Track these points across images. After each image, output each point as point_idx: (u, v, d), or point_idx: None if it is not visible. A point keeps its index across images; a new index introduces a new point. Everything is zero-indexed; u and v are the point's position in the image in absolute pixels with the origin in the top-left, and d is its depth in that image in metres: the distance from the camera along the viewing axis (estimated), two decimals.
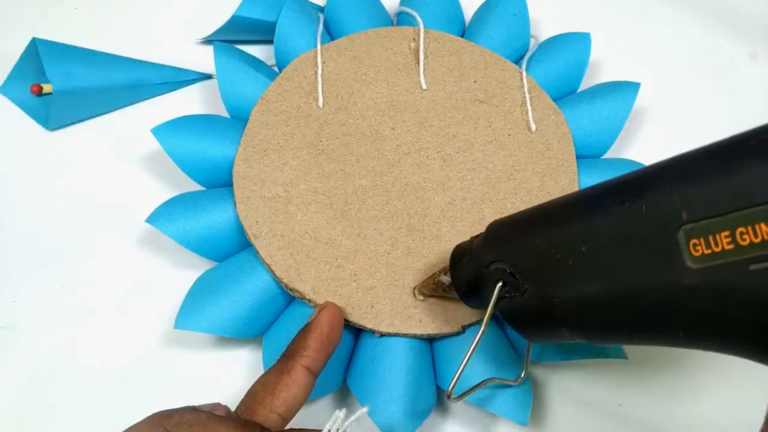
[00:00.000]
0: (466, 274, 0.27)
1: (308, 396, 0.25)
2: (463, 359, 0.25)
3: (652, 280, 0.18)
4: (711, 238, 0.17)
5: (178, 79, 0.40)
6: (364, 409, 0.25)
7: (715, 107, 0.42)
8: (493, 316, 0.25)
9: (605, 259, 0.20)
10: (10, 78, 0.39)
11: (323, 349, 0.26)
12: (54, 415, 0.32)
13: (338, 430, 0.23)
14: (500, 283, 0.24)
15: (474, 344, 0.25)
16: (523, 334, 0.25)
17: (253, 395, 0.25)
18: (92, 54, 0.38)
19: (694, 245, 0.17)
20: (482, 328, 0.25)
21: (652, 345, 0.20)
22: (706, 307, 0.17)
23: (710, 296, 0.17)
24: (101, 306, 0.34)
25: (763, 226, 0.16)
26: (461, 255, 0.27)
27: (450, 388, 0.26)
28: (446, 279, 0.29)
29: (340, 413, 0.24)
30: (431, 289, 0.30)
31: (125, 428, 0.23)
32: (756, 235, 0.16)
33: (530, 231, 0.23)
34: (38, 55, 0.36)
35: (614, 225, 0.19)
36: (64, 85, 0.36)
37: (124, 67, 0.39)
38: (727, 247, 0.16)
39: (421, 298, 0.31)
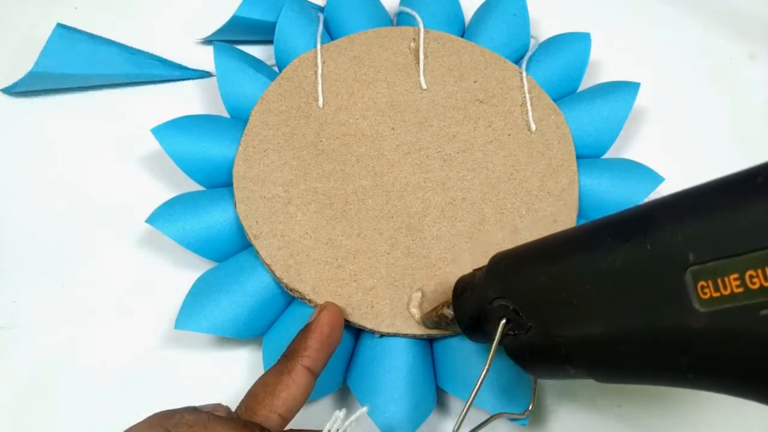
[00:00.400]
0: (469, 309, 0.26)
1: (308, 396, 0.25)
2: (467, 401, 0.24)
3: (659, 321, 0.18)
4: (719, 280, 0.16)
5: (175, 68, 0.40)
6: (364, 409, 0.25)
7: (715, 107, 0.42)
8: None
9: (609, 299, 0.19)
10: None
11: (323, 350, 0.26)
12: (54, 415, 0.32)
13: (338, 430, 0.23)
14: (504, 321, 0.23)
15: (479, 383, 0.24)
16: (527, 371, 0.24)
17: (253, 395, 0.25)
18: (96, 40, 0.38)
19: (702, 287, 0.17)
20: (486, 366, 0.24)
21: (659, 385, 0.20)
22: (714, 350, 0.17)
23: (718, 339, 0.17)
24: (101, 306, 0.34)
25: None
26: (463, 289, 0.27)
27: (456, 427, 0.25)
28: (449, 312, 0.28)
29: (340, 413, 0.23)
30: (435, 322, 0.30)
31: (125, 428, 0.23)
32: (766, 279, 0.15)
33: (532, 267, 0.23)
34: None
35: (618, 264, 0.19)
36: (65, 28, 0.37)
37: (126, 48, 0.39)
38: (736, 291, 0.16)
39: (425, 329, 0.31)
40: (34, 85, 0.38)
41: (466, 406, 0.24)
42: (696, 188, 0.18)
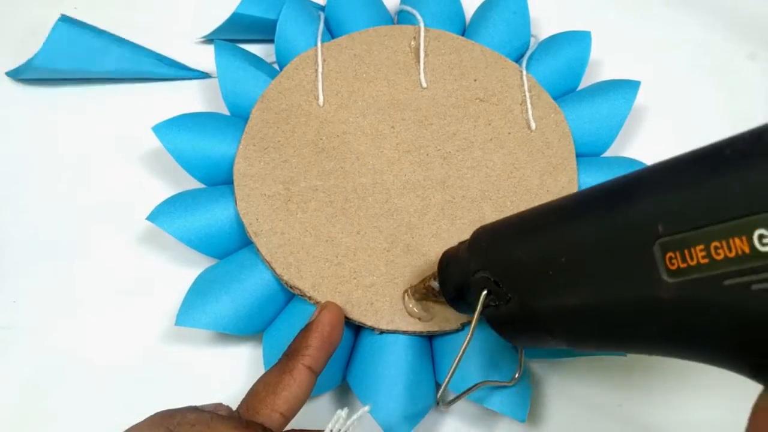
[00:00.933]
0: (454, 281, 0.27)
1: (309, 395, 0.25)
2: (451, 367, 0.26)
3: (630, 292, 0.18)
4: (686, 251, 0.17)
5: (175, 66, 0.40)
6: (366, 408, 0.25)
7: (714, 107, 0.42)
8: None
9: (584, 271, 0.20)
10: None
11: (324, 349, 0.26)
12: (55, 414, 0.32)
13: (339, 430, 0.23)
14: (485, 292, 0.24)
15: (461, 352, 0.25)
16: (510, 340, 0.25)
17: (254, 394, 0.25)
18: (101, 35, 0.39)
19: (670, 259, 0.17)
20: (468, 336, 0.25)
21: (636, 353, 0.20)
22: (683, 320, 0.17)
23: (687, 310, 0.17)
24: (101, 304, 0.34)
25: (737, 240, 0.15)
26: (448, 261, 0.28)
27: (439, 395, 0.26)
28: (436, 284, 0.29)
29: (342, 412, 0.24)
30: (422, 294, 0.30)
31: (127, 428, 0.23)
32: (730, 250, 0.16)
33: (511, 240, 0.23)
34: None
35: (592, 236, 0.19)
36: (66, 24, 0.37)
37: (127, 42, 0.39)
38: (702, 261, 0.16)
39: (412, 302, 0.31)
40: (34, 74, 0.39)
41: (449, 374, 0.25)
42: (671, 160, 0.18)
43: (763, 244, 0.15)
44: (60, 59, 0.37)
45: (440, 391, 0.26)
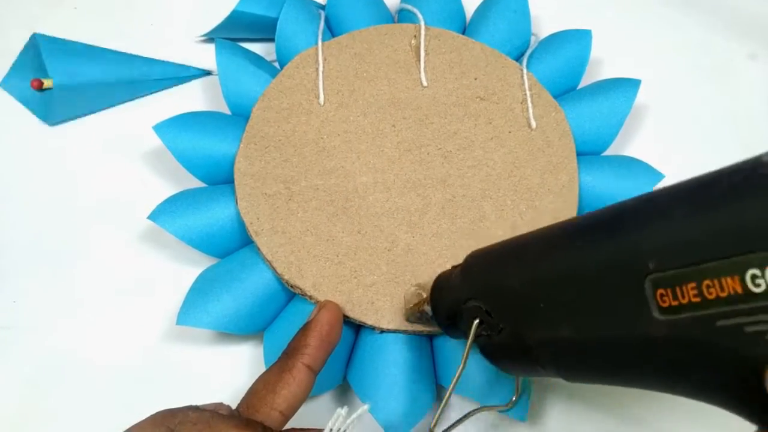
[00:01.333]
0: (446, 308, 0.26)
1: (309, 394, 0.25)
2: (445, 395, 0.25)
3: (621, 329, 0.18)
4: (678, 289, 0.16)
5: (178, 74, 0.40)
6: (365, 407, 0.25)
7: (715, 107, 0.42)
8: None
9: (575, 304, 0.19)
10: (11, 73, 0.39)
11: (323, 347, 0.26)
12: (55, 414, 0.32)
13: (339, 428, 0.23)
14: (477, 321, 0.23)
15: (455, 380, 0.25)
16: (501, 369, 0.25)
17: (254, 393, 0.25)
18: (92, 49, 0.39)
19: (661, 296, 0.16)
20: (461, 366, 0.24)
21: (627, 387, 0.20)
22: (675, 359, 0.17)
23: (679, 349, 0.16)
24: (102, 304, 0.34)
25: (729, 280, 0.15)
26: (441, 287, 0.27)
27: (433, 424, 0.25)
28: (429, 309, 0.28)
29: (342, 411, 0.24)
30: (417, 317, 0.30)
31: (127, 427, 0.23)
32: (722, 290, 0.15)
33: (503, 270, 0.23)
34: (39, 50, 0.37)
35: (583, 269, 0.19)
36: (65, 80, 0.37)
37: (124, 63, 0.39)
38: (693, 300, 0.16)
39: (408, 324, 0.31)
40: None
41: (442, 405, 0.25)
42: (662, 191, 0.18)
43: (756, 285, 0.14)
44: (65, 112, 0.38)
45: (434, 420, 0.25)
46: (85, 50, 0.38)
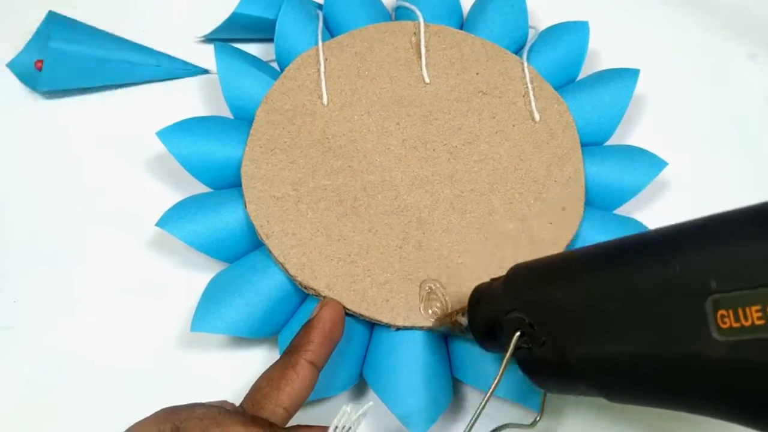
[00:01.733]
0: (484, 319, 0.26)
1: (312, 390, 0.26)
2: (475, 413, 0.24)
3: (676, 348, 0.18)
4: (740, 311, 0.16)
5: (175, 67, 0.40)
6: (370, 404, 0.24)
7: (714, 107, 0.42)
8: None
9: (627, 321, 0.19)
10: (21, 53, 0.39)
11: (326, 344, 0.27)
12: (55, 415, 0.31)
13: (345, 426, 0.23)
14: (518, 333, 0.23)
15: (488, 395, 0.24)
16: (539, 385, 0.24)
17: (258, 390, 0.25)
18: (95, 29, 0.39)
19: (722, 317, 0.16)
20: (497, 378, 0.24)
21: (674, 410, 0.20)
22: (730, 381, 0.16)
23: (736, 371, 0.16)
24: (104, 308, 0.34)
25: None
26: (480, 297, 0.27)
27: None
28: (464, 320, 0.28)
29: (348, 408, 0.24)
30: (449, 328, 0.30)
31: (131, 424, 0.23)
32: None
33: (551, 283, 0.23)
34: (47, 32, 0.36)
35: (639, 286, 0.19)
36: (61, 45, 0.36)
37: (124, 45, 0.39)
38: (757, 323, 0.15)
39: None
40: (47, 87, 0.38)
41: (475, 415, 0.24)
42: (723, 215, 0.18)
43: None
44: (59, 79, 0.38)
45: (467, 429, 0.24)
46: (89, 28, 0.39)
